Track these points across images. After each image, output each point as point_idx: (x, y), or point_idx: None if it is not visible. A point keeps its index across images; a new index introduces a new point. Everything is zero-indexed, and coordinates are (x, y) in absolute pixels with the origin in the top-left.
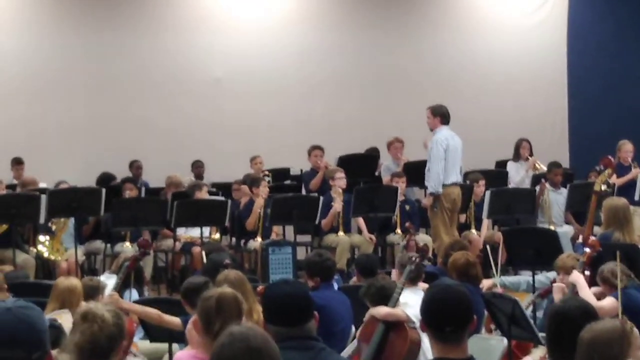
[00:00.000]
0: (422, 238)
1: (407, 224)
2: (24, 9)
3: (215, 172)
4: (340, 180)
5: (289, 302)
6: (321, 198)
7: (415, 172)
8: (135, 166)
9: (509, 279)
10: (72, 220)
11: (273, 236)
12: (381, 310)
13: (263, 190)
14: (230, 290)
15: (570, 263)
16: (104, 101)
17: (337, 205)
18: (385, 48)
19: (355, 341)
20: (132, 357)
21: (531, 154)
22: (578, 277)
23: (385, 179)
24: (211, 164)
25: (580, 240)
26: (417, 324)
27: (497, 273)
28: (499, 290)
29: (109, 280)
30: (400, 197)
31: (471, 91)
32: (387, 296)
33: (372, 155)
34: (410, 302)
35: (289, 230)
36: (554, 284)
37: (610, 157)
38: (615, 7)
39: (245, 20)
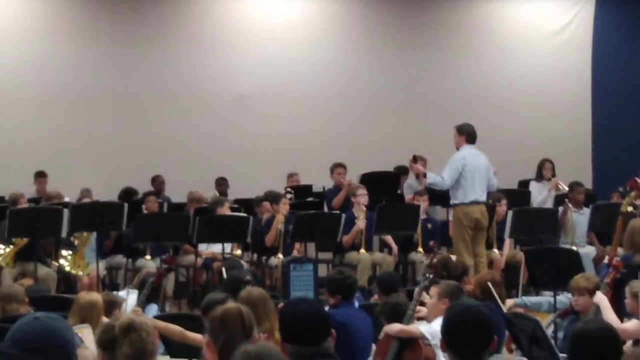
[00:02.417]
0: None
1: (431, 243)
2: (56, 24)
3: (238, 188)
4: (362, 197)
5: (306, 321)
6: (343, 215)
7: (437, 190)
8: (157, 181)
9: (531, 299)
10: (94, 235)
11: (295, 253)
12: (394, 327)
13: (283, 207)
14: (233, 305)
15: (584, 284)
16: (127, 116)
17: (361, 223)
18: (412, 68)
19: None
20: None
21: (554, 175)
22: (602, 299)
23: (408, 197)
24: (234, 179)
25: (605, 261)
26: (432, 341)
27: (518, 293)
28: (520, 310)
29: (130, 295)
30: (422, 216)
31: (495, 111)
32: (401, 313)
33: (394, 173)
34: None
35: (311, 247)
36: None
37: (636, 179)
38: (639, 26)
39: (271, 36)
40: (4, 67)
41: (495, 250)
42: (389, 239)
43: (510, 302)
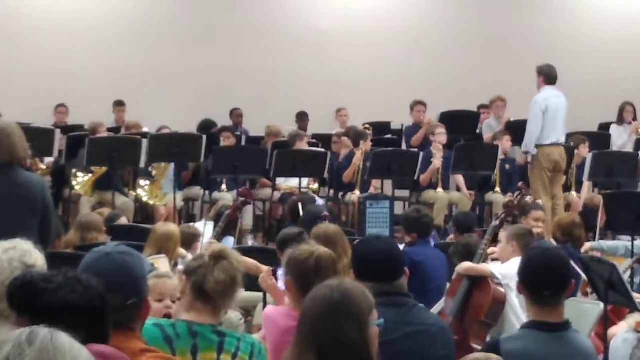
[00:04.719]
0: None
1: (520, 184)
2: None
3: (314, 123)
4: (440, 136)
5: (380, 258)
6: (421, 153)
7: (518, 131)
8: (235, 114)
9: (607, 244)
10: (172, 166)
11: (371, 190)
12: (463, 266)
13: (366, 144)
14: (325, 249)
15: None
16: (207, 50)
17: (437, 162)
18: (495, 4)
19: (444, 299)
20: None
21: (635, 118)
22: None
23: (487, 136)
24: (311, 115)
25: None
26: (502, 281)
27: (595, 236)
28: (596, 254)
29: (206, 227)
30: (500, 156)
31: (578, 52)
32: (471, 253)
33: (473, 113)
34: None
35: (388, 184)
36: None
37: None
38: None
39: None
40: (87, 3)
41: (574, 193)
42: (459, 180)
43: (587, 245)
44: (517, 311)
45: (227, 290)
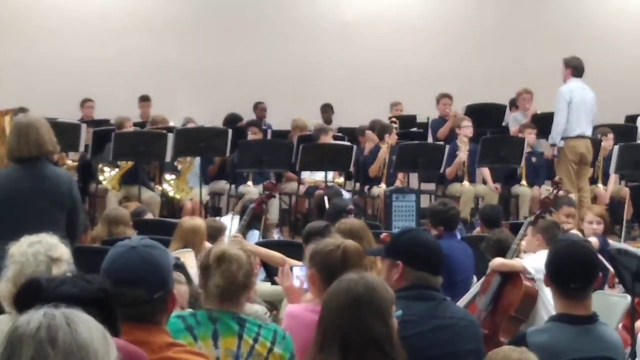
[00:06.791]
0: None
1: (556, 178)
2: None
3: (340, 116)
4: (466, 129)
5: (435, 249)
6: (447, 146)
7: (544, 124)
8: (259, 108)
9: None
10: (198, 160)
11: (397, 183)
12: (496, 261)
13: (391, 138)
14: (351, 241)
15: None
16: (231, 43)
17: (462, 155)
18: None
19: (472, 290)
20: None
21: None
22: None
23: (513, 129)
24: (336, 108)
25: None
26: (535, 275)
27: (622, 229)
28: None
29: (234, 221)
30: (526, 149)
31: (605, 44)
32: (504, 248)
33: (500, 105)
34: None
35: (414, 177)
36: None
37: None
38: None
39: None
40: None
41: (600, 186)
42: (485, 173)
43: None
44: (548, 306)
45: (225, 293)
